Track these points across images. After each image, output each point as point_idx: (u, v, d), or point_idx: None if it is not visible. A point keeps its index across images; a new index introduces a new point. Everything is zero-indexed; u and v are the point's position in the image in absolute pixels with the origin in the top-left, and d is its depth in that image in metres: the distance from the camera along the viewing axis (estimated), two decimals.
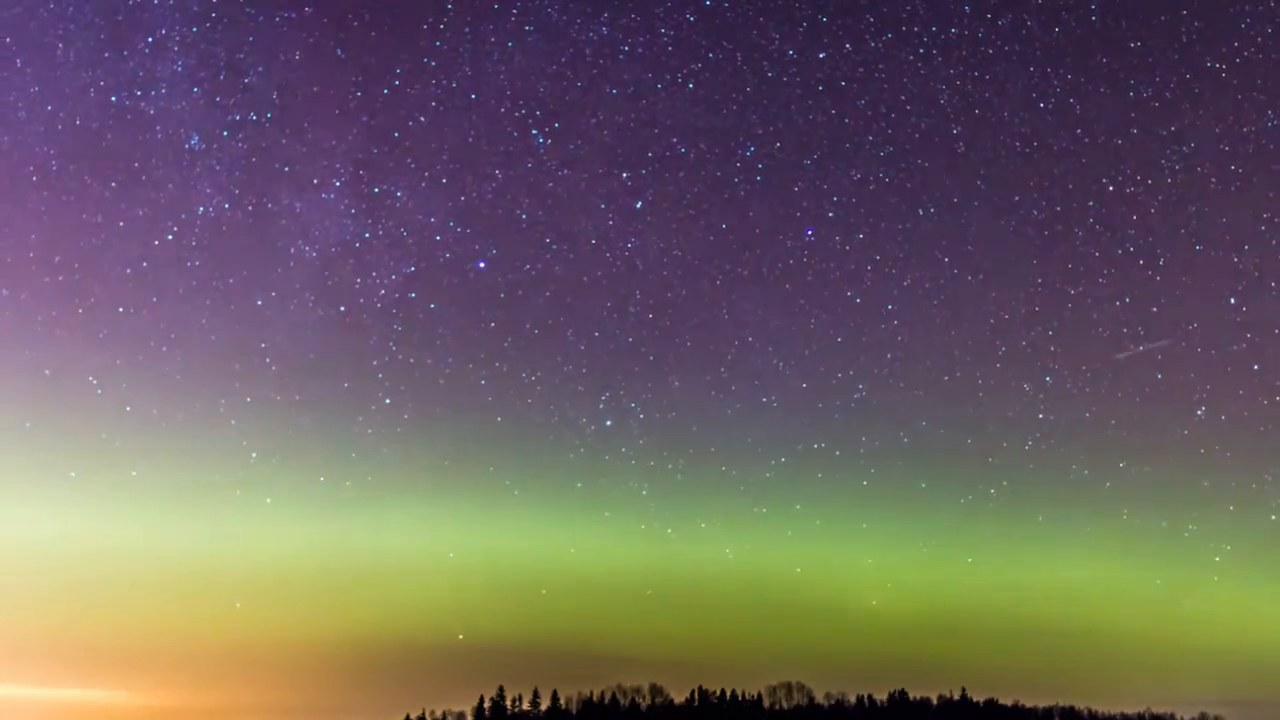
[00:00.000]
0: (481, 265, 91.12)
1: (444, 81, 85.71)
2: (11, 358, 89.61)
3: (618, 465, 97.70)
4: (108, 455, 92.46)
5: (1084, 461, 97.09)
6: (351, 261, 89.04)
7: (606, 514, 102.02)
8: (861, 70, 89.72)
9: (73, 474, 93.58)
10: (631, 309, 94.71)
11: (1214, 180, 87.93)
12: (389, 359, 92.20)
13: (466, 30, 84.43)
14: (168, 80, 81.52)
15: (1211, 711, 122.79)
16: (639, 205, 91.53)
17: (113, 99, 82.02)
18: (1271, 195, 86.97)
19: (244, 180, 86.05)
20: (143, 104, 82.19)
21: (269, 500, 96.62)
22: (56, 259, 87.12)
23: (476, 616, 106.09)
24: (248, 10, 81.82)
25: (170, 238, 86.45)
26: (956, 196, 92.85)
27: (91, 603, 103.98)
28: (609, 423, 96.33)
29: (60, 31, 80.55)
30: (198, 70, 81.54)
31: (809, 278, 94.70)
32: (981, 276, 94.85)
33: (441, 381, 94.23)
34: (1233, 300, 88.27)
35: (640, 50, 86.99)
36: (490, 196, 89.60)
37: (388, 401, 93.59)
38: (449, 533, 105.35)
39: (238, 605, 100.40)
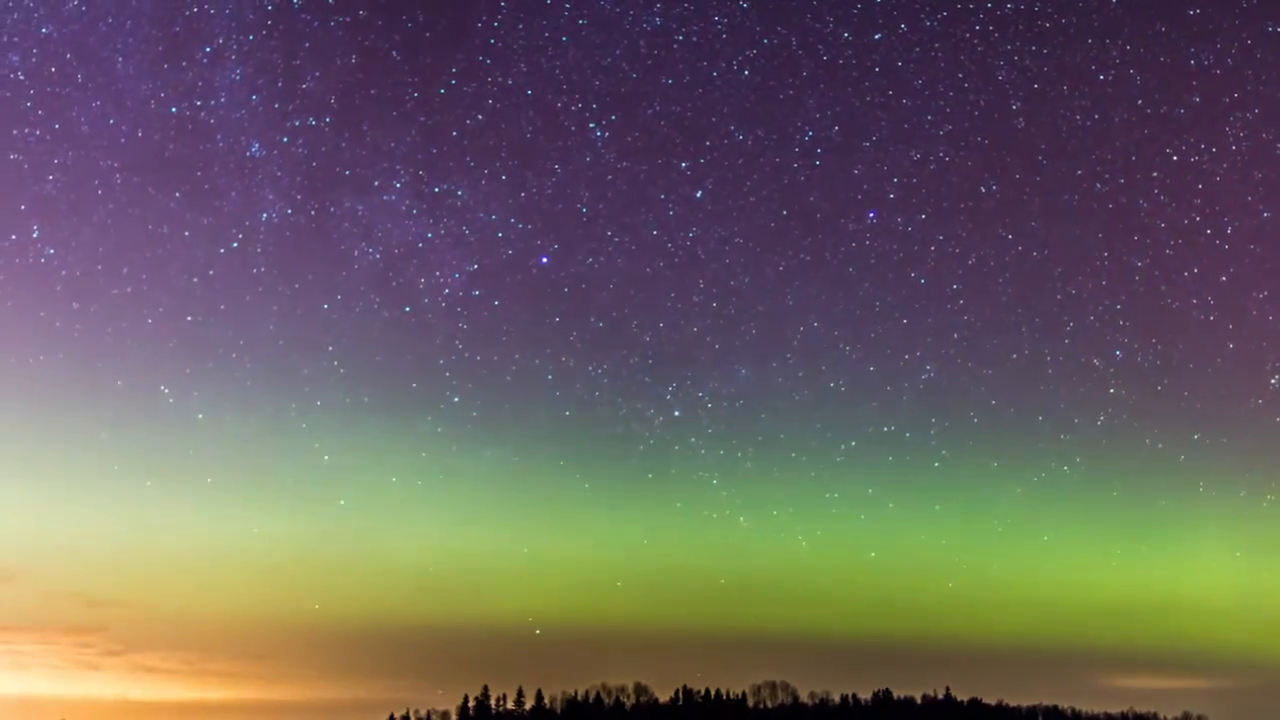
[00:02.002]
0: (544, 260, 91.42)
1: (500, 79, 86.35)
2: (84, 371, 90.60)
3: (687, 455, 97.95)
4: (182, 464, 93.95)
5: (1157, 435, 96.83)
6: (415, 262, 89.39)
7: (678, 505, 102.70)
8: (918, 50, 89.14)
9: (149, 484, 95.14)
10: (695, 298, 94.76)
11: (1279, 146, 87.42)
12: (455, 357, 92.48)
13: (520, 26, 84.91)
14: (226, 89, 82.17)
15: (1195, 710, 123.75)
16: (699, 194, 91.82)
17: (173, 110, 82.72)
18: None
19: (305, 185, 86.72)
20: (203, 113, 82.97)
21: (342, 502, 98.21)
22: (124, 271, 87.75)
23: (551, 610, 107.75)
24: (303, 16, 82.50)
25: (235, 245, 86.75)
26: (1018, 173, 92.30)
27: (171, 612, 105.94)
28: (677, 413, 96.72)
29: (119, 45, 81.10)
30: (256, 78, 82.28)
31: (872, 260, 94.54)
32: (1047, 252, 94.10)
33: (508, 378, 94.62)
34: None
35: (694, 39, 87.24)
36: (550, 191, 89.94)
37: (456, 400, 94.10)
38: (522, 529, 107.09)
39: (317, 608, 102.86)
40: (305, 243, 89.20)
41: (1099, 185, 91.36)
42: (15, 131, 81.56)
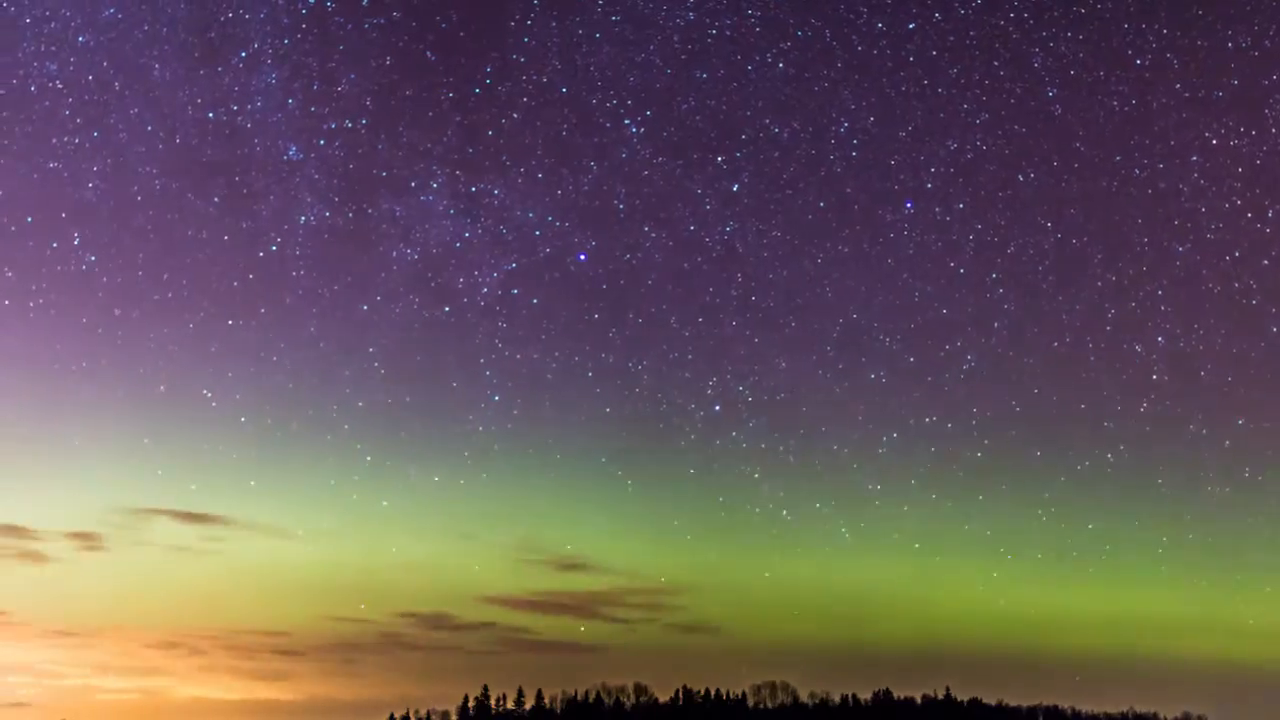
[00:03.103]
0: (582, 257, 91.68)
1: (534, 77, 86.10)
2: (127, 376, 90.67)
3: (729, 450, 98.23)
4: (225, 467, 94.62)
5: (1201, 421, 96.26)
6: (453, 261, 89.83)
7: (720, 499, 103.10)
8: (952, 39, 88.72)
9: (193, 487, 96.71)
10: (734, 292, 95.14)
11: None
12: (495, 356, 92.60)
13: (553, 24, 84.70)
14: (262, 93, 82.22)
15: (1195, 711, 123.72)
16: (735, 188, 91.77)
17: (209, 115, 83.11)
18: None
19: (343, 187, 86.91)
20: (239, 118, 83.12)
21: (385, 503, 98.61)
22: (165, 276, 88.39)
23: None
24: (337, 19, 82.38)
25: (274, 249, 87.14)
26: (1056, 160, 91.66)
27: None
28: (717, 408, 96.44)
29: (155, 52, 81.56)
30: (291, 81, 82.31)
31: (910, 251, 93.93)
32: (1086, 239, 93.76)
33: (549, 376, 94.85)
34: None
35: (728, 33, 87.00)
36: (587, 188, 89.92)
37: (496, 399, 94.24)
38: (565, 526, 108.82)
39: (362, 607, 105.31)
40: (344, 244, 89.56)
41: (1138, 171, 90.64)
42: (54, 140, 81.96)
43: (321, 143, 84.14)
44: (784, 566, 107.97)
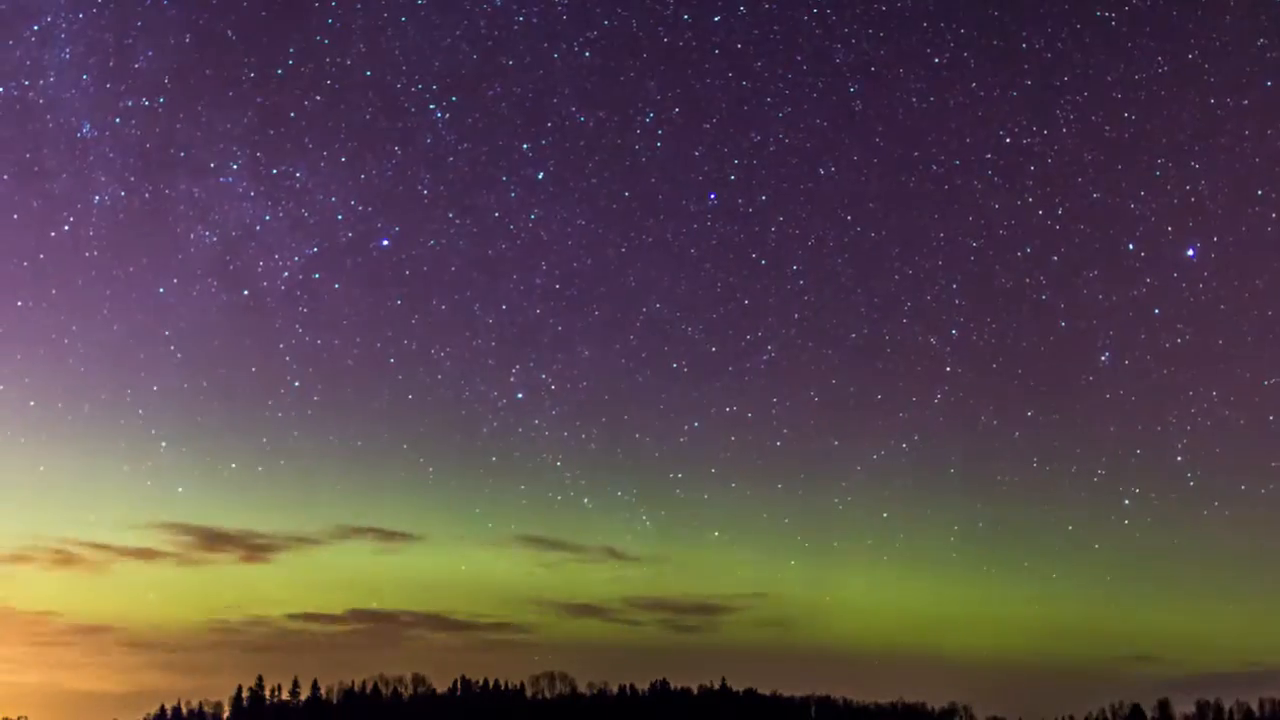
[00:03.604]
0: (385, 243, 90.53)
1: (338, 59, 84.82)
2: None
3: (531, 437, 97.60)
4: (14, 452, 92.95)
5: (992, 412, 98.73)
6: (253, 245, 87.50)
7: (522, 486, 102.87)
8: (756, 32, 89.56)
9: None
10: (538, 280, 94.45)
11: (1109, 128, 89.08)
12: (295, 341, 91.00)
13: (358, 6, 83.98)
14: (56, 68, 79.40)
15: (961, 701, 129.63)
16: (540, 176, 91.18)
17: (0, 90, 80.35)
18: (1164, 141, 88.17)
19: (139, 167, 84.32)
20: (31, 93, 79.81)
21: (180, 489, 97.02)
22: None
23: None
24: None
25: (67, 228, 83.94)
26: (856, 154, 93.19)
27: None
28: (520, 395, 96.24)
29: None
30: (86, 57, 79.71)
31: (713, 241, 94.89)
32: (884, 233, 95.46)
33: (350, 362, 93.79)
34: (1131, 246, 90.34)
35: (535, 20, 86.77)
36: (390, 174, 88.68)
37: (296, 384, 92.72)
38: (364, 513, 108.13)
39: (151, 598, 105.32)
40: (140, 225, 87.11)
41: (935, 167, 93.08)
42: None
43: (117, 121, 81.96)
44: (579, 551, 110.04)
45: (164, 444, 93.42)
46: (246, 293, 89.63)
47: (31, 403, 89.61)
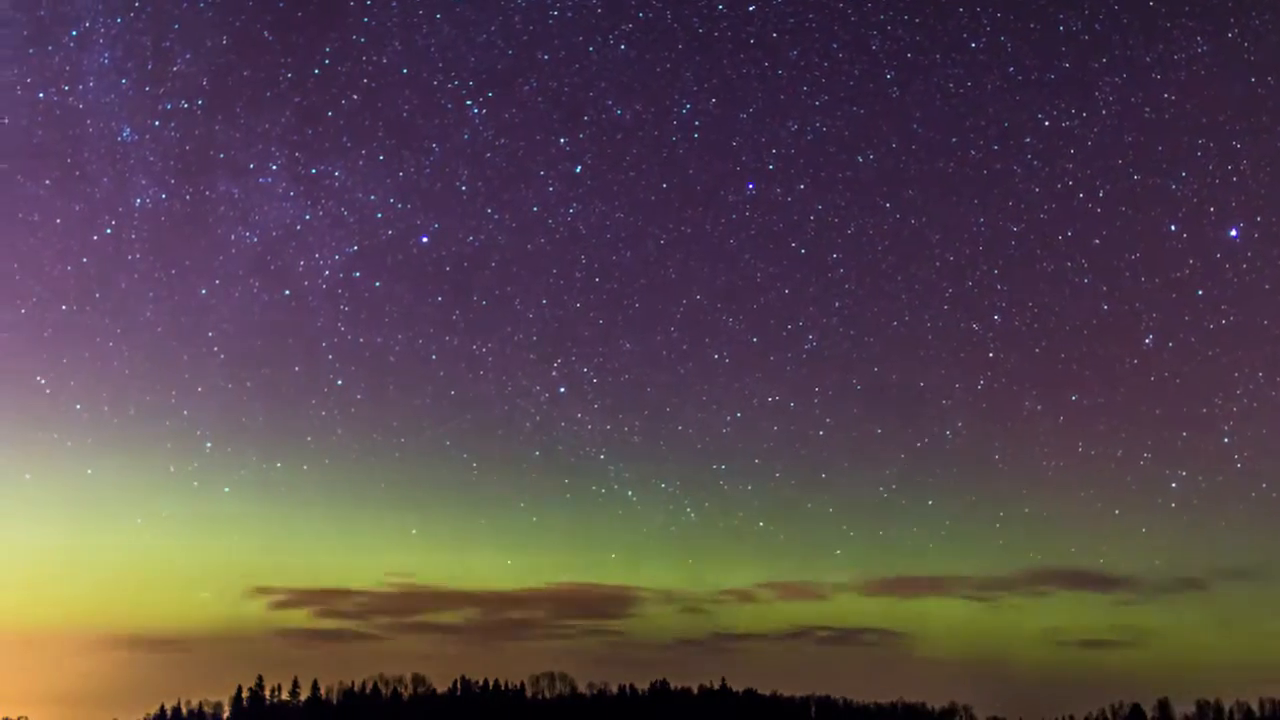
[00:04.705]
0: (424, 240, 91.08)
1: (375, 57, 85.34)
2: None
3: (574, 431, 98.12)
4: (62, 454, 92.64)
5: (1036, 398, 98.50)
6: (293, 244, 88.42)
7: (566, 480, 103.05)
8: (792, 21, 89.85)
9: (28, 476, 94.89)
10: (577, 274, 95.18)
11: (1148, 109, 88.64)
12: (337, 340, 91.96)
13: (394, 4, 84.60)
14: (95, 73, 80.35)
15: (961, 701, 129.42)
16: (578, 170, 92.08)
17: (40, 95, 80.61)
18: (1205, 121, 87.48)
19: (179, 169, 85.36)
20: (71, 99, 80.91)
21: (227, 489, 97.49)
22: None
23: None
24: None
25: (109, 232, 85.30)
26: (894, 141, 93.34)
27: (64, 594, 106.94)
28: (562, 389, 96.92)
29: None
30: (125, 61, 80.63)
31: (752, 231, 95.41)
32: (924, 219, 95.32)
33: (391, 359, 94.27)
34: (1173, 227, 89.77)
35: (570, 14, 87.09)
36: (429, 170, 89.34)
37: (339, 383, 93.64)
38: (409, 510, 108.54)
39: (205, 596, 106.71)
40: (181, 227, 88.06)
41: (974, 152, 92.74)
42: None
43: (156, 124, 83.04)
44: (629, 546, 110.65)
45: (209, 445, 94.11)
46: (288, 292, 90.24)
47: (78, 406, 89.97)
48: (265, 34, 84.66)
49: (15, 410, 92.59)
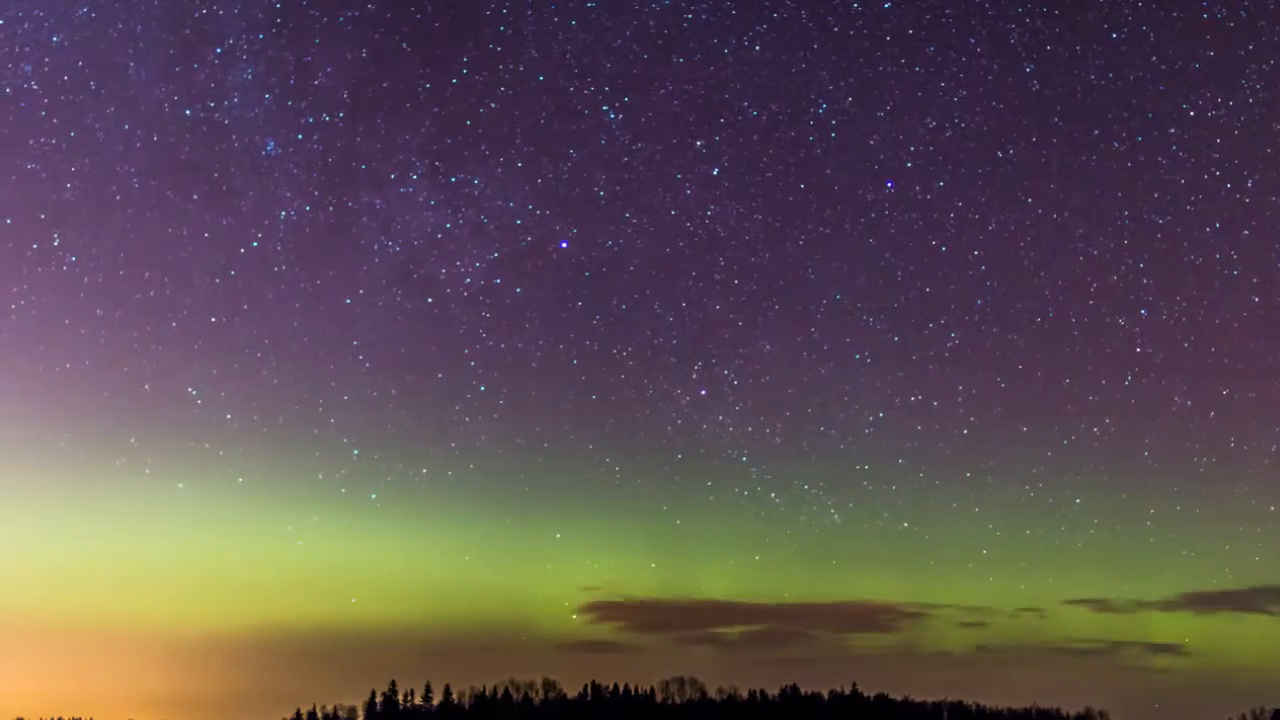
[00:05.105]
0: (564, 245, 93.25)
1: (511, 65, 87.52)
2: (111, 375, 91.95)
3: (715, 434, 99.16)
4: (213, 464, 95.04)
5: (1186, 393, 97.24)
6: (435, 253, 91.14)
7: (708, 483, 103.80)
8: (928, 17, 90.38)
9: (181, 485, 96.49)
10: (716, 276, 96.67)
11: None
12: (480, 346, 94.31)
13: (529, 13, 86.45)
14: (239, 88, 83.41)
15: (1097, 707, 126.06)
16: (715, 172, 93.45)
17: (186, 112, 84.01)
18: None
19: (322, 181, 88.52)
20: (216, 114, 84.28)
21: (373, 496, 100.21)
22: (146, 275, 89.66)
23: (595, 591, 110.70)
24: (311, 13, 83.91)
25: (255, 244, 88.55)
26: (1035, 135, 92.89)
27: (211, 600, 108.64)
28: (703, 392, 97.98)
29: (130, 50, 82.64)
30: (267, 76, 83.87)
31: (892, 230, 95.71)
32: (1066, 214, 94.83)
33: (533, 364, 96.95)
34: None
35: (704, 17, 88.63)
36: (566, 176, 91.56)
37: (482, 389, 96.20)
38: (553, 515, 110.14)
39: (353, 600, 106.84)
40: (325, 239, 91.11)
41: (1116, 144, 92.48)
42: (31, 141, 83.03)
43: (300, 137, 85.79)
44: (774, 549, 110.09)
45: (356, 452, 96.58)
46: (430, 300, 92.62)
47: (228, 416, 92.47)
48: (404, 45, 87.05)
49: (168, 422, 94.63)
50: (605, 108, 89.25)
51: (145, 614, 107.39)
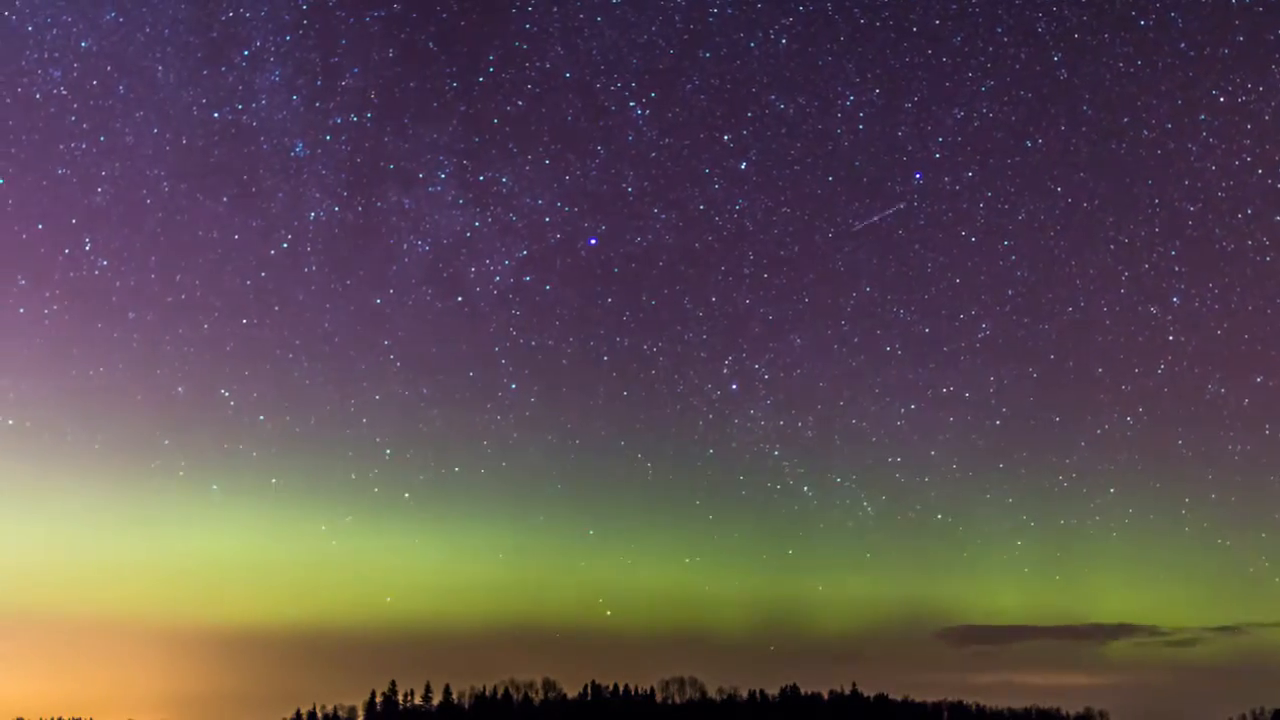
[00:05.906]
0: (593, 242, 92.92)
1: (537, 63, 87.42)
2: (144, 379, 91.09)
3: (747, 428, 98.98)
4: (246, 466, 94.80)
5: (1219, 380, 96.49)
6: (464, 251, 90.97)
7: (741, 477, 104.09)
8: (954, 7, 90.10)
9: (214, 487, 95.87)
10: (746, 270, 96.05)
11: None
12: (510, 344, 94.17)
13: (554, 10, 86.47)
14: (267, 90, 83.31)
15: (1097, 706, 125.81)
16: (743, 166, 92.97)
17: (215, 115, 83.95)
18: None
19: (351, 181, 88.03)
20: (244, 117, 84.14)
21: (407, 495, 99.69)
22: (177, 278, 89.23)
23: (621, 595, 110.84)
24: (338, 14, 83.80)
25: (285, 246, 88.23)
26: (1063, 124, 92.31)
27: (241, 598, 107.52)
28: (734, 386, 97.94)
29: (158, 54, 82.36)
30: (295, 78, 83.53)
31: (921, 221, 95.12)
32: (1096, 202, 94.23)
33: (564, 361, 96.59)
34: None
35: (730, 10, 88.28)
36: (594, 173, 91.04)
37: (513, 387, 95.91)
38: (585, 512, 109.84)
39: (388, 600, 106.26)
40: (354, 239, 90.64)
41: (1146, 132, 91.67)
42: (61, 146, 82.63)
43: (328, 138, 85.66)
44: (808, 543, 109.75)
45: (389, 451, 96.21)
46: (460, 299, 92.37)
47: (261, 417, 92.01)
48: (430, 45, 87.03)
49: (201, 424, 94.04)
50: (632, 104, 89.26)
51: (178, 615, 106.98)
